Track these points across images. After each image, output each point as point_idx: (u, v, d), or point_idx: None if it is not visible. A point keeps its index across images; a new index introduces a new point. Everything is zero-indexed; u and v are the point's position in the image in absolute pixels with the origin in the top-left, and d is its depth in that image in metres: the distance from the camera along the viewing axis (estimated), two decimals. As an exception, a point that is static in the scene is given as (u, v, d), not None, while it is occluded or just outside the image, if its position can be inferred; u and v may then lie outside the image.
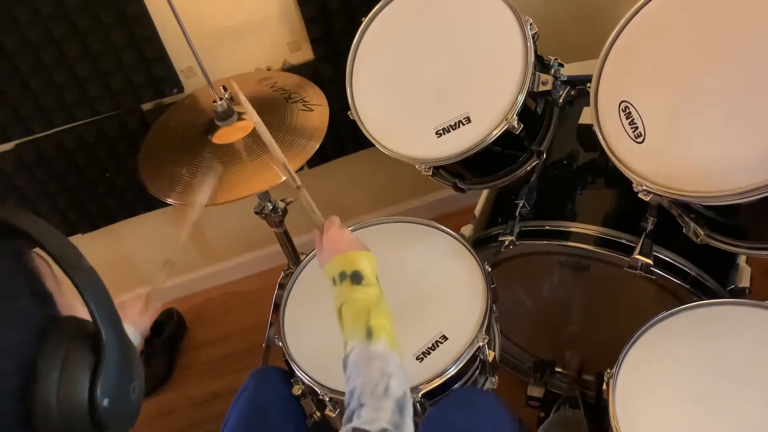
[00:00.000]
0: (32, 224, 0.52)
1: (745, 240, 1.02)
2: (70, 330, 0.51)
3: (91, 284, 0.51)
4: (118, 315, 0.53)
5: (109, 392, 0.50)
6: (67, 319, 0.52)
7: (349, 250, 0.91)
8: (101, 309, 0.51)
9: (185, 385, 1.94)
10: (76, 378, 0.49)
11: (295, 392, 1.15)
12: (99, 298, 0.51)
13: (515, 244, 1.24)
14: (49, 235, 0.52)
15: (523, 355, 1.59)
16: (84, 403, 0.49)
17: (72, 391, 0.48)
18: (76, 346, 0.50)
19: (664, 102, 0.97)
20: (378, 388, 0.77)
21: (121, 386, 0.52)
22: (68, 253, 0.52)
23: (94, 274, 0.52)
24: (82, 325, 0.52)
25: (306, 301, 1.24)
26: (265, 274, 2.13)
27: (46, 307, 0.52)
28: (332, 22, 1.55)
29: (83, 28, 1.44)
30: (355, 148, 1.83)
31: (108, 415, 0.50)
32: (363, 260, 0.90)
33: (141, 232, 1.93)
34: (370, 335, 0.82)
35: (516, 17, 1.13)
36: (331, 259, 0.91)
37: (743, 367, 0.95)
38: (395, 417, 0.76)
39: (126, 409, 0.53)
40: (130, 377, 0.53)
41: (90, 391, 0.49)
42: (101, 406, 0.49)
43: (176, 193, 1.22)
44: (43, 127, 1.58)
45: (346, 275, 0.88)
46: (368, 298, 0.86)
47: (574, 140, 1.38)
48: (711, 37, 0.94)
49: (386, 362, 0.80)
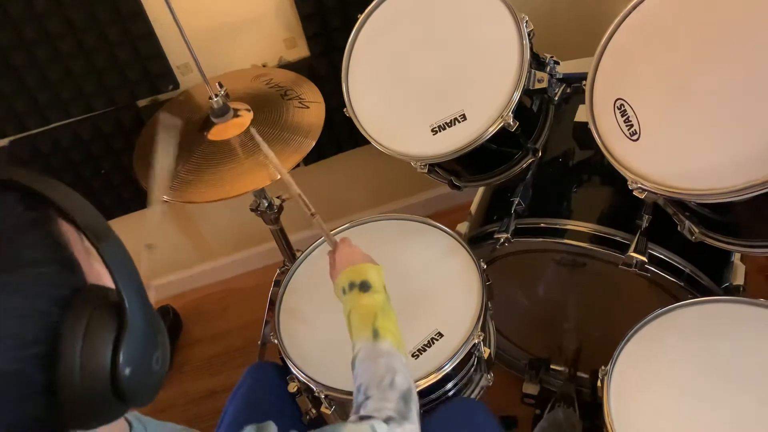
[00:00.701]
0: (60, 193, 0.52)
1: (739, 238, 1.02)
2: (94, 298, 0.51)
3: (115, 254, 0.51)
4: (142, 285, 0.53)
5: (132, 361, 0.50)
6: (92, 288, 0.52)
7: (358, 263, 0.94)
8: (125, 278, 0.51)
9: (181, 382, 1.94)
10: (98, 346, 0.49)
11: (290, 389, 1.15)
12: (123, 268, 0.51)
13: (511, 241, 1.24)
14: (76, 204, 0.52)
15: (519, 352, 1.59)
16: (106, 371, 0.49)
17: (94, 359, 0.48)
18: (99, 314, 0.50)
19: (659, 100, 0.97)
20: (383, 382, 0.80)
21: (143, 356, 0.52)
22: (94, 223, 0.52)
23: (120, 244, 0.52)
24: (108, 294, 0.52)
25: (302, 298, 1.24)
26: (261, 271, 2.13)
27: (72, 276, 0.52)
28: (328, 19, 1.55)
29: (78, 25, 1.43)
30: (351, 145, 1.83)
31: (130, 384, 0.50)
32: (371, 271, 0.93)
33: (136, 228, 1.92)
34: (377, 335, 0.85)
35: (512, 15, 1.13)
36: (342, 272, 0.94)
37: (737, 364, 0.96)
38: (400, 406, 0.78)
39: (148, 380, 0.53)
40: (153, 347, 0.53)
41: (112, 360, 0.49)
42: (123, 374, 0.49)
43: (171, 190, 1.22)
44: (38, 124, 1.57)
45: (355, 285, 0.91)
46: (375, 304, 0.89)
47: (570, 138, 1.39)
48: (706, 35, 0.95)
49: (392, 359, 0.83)
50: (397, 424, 0.75)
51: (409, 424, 0.77)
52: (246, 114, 1.32)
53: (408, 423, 0.77)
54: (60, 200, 0.52)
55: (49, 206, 0.52)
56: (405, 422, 0.77)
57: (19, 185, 0.52)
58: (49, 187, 0.52)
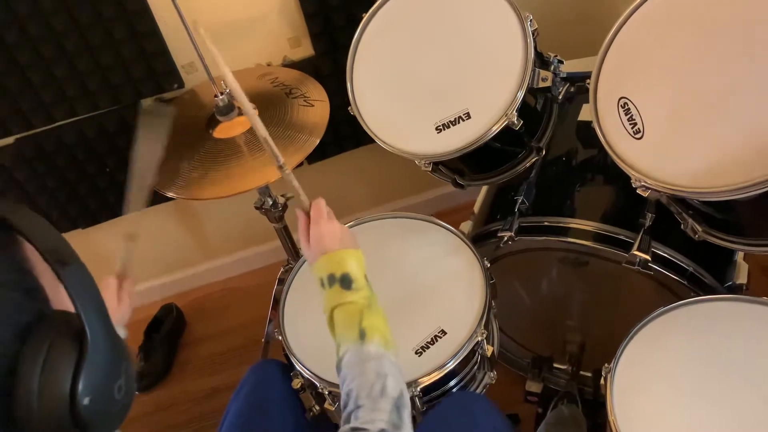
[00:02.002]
0: (21, 219, 0.51)
1: (742, 236, 1.03)
2: (56, 325, 0.50)
3: (77, 280, 0.50)
4: (106, 312, 0.52)
5: (91, 390, 0.49)
6: (56, 314, 0.52)
7: (337, 248, 0.89)
8: (87, 305, 0.50)
9: (184, 380, 1.95)
10: (57, 374, 0.48)
11: (294, 386, 1.15)
12: (85, 294, 0.50)
13: (514, 239, 1.25)
14: (38, 229, 0.51)
15: (522, 351, 1.59)
16: (65, 401, 0.48)
17: (52, 388, 0.48)
18: (60, 342, 0.49)
19: (663, 98, 0.98)
20: (374, 389, 0.77)
21: (104, 385, 0.51)
22: (57, 248, 0.51)
23: (83, 270, 0.52)
24: (71, 320, 0.51)
25: (305, 295, 1.24)
26: (264, 270, 2.14)
27: (34, 303, 0.51)
28: (333, 17, 1.55)
29: (84, 23, 1.44)
30: (354, 144, 1.83)
31: (89, 413, 0.49)
32: (351, 261, 0.88)
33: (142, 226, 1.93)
34: (363, 336, 0.82)
35: (516, 14, 1.13)
36: (319, 258, 0.89)
37: (740, 363, 0.96)
38: (393, 417, 0.76)
39: (110, 409, 0.52)
40: (115, 376, 0.52)
41: (71, 389, 0.48)
42: (81, 404, 0.48)
43: (177, 187, 1.23)
44: (43, 122, 1.58)
45: (335, 279, 0.86)
46: (359, 302, 0.85)
47: (574, 137, 1.39)
48: (709, 34, 0.95)
49: (381, 363, 0.80)
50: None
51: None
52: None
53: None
54: (22, 224, 0.51)
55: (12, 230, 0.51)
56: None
57: None
58: (11, 211, 0.51)
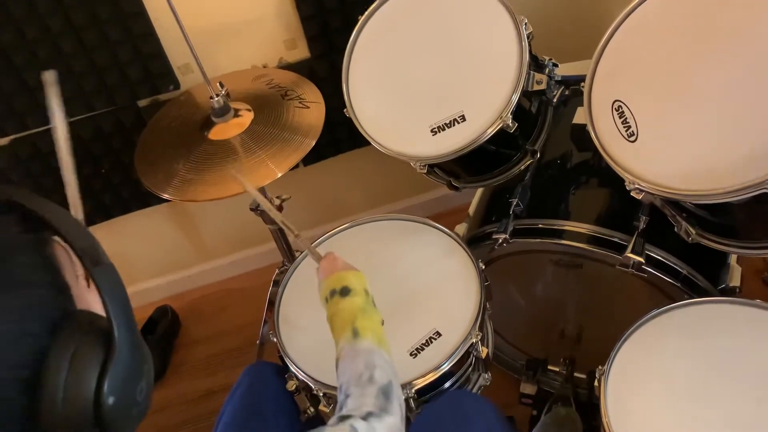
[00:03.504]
0: (58, 216, 0.52)
1: (736, 239, 1.03)
2: (83, 324, 0.50)
3: (109, 281, 0.51)
4: (132, 314, 0.52)
5: (116, 391, 0.49)
6: (81, 313, 0.52)
7: (337, 270, 0.95)
8: (116, 306, 0.50)
9: (179, 382, 1.94)
10: (83, 373, 0.48)
11: (289, 388, 1.15)
12: (115, 295, 0.51)
13: (509, 242, 1.25)
14: (73, 228, 0.52)
15: (516, 353, 1.60)
16: (89, 400, 0.48)
17: (78, 387, 0.48)
18: (87, 341, 0.49)
19: (657, 101, 0.98)
20: (362, 378, 0.80)
21: (128, 386, 0.51)
22: (90, 247, 0.51)
23: (113, 270, 0.52)
24: (96, 320, 0.51)
25: (301, 297, 1.24)
26: (259, 272, 2.13)
27: (62, 300, 0.51)
28: (329, 20, 1.56)
29: (79, 24, 1.44)
30: (350, 146, 1.83)
31: (112, 413, 0.49)
32: (351, 277, 0.93)
33: (137, 228, 1.93)
34: (356, 334, 0.85)
35: (511, 17, 1.14)
36: (323, 282, 0.95)
37: (734, 365, 0.96)
38: (380, 401, 0.77)
39: (131, 410, 0.52)
40: (138, 378, 0.52)
41: (96, 388, 0.48)
42: (106, 404, 0.49)
43: (172, 188, 1.23)
44: (39, 123, 1.58)
45: (336, 291, 0.91)
46: (354, 306, 0.89)
47: (568, 140, 1.39)
48: (703, 37, 0.95)
49: (371, 356, 0.83)
50: (377, 418, 0.75)
51: (390, 417, 0.76)
52: (246, 114, 1.32)
53: (388, 416, 0.76)
54: (58, 223, 0.51)
55: (45, 228, 0.52)
56: (385, 415, 0.76)
57: (17, 205, 0.51)
58: (47, 209, 0.52)
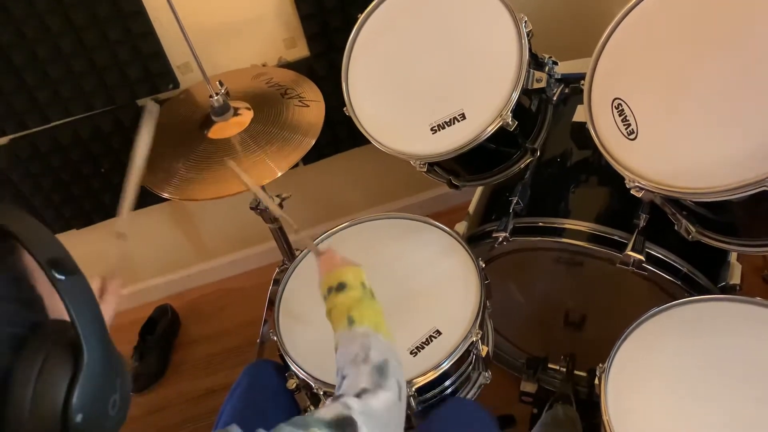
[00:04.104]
0: (19, 225, 0.50)
1: (736, 237, 1.03)
2: (53, 337, 0.49)
3: (75, 292, 0.49)
4: (104, 324, 0.51)
5: (85, 406, 0.48)
6: (53, 324, 0.51)
7: (337, 268, 0.95)
8: (84, 316, 0.49)
9: (179, 381, 1.94)
10: (50, 388, 0.47)
11: (289, 386, 1.15)
12: (81, 306, 0.49)
13: (509, 240, 1.25)
14: (36, 237, 0.50)
15: (517, 351, 1.60)
16: (56, 416, 0.47)
17: (45, 402, 0.46)
18: (56, 354, 0.48)
19: (656, 99, 0.98)
20: (357, 358, 0.80)
21: (99, 400, 0.50)
22: (56, 258, 0.49)
23: (80, 280, 0.50)
24: (68, 331, 0.49)
25: (301, 296, 1.24)
26: (258, 272, 2.14)
27: (31, 313, 0.50)
28: (328, 18, 1.55)
29: (79, 23, 1.44)
30: (349, 145, 1.83)
31: (81, 430, 0.48)
32: (348, 273, 0.93)
33: (136, 227, 1.92)
34: (352, 322, 0.86)
35: (511, 15, 1.14)
36: (322, 279, 0.95)
37: (733, 363, 0.96)
38: (374, 377, 0.77)
39: (102, 425, 0.50)
40: (110, 391, 0.51)
41: (64, 404, 0.47)
42: (74, 421, 0.47)
43: (172, 187, 1.23)
44: (38, 122, 1.58)
45: (333, 288, 0.91)
46: (350, 299, 0.89)
47: (568, 138, 1.39)
48: (703, 35, 0.96)
49: (367, 339, 0.83)
50: (372, 394, 0.75)
51: (384, 392, 0.76)
52: (246, 112, 1.32)
53: (384, 391, 0.76)
54: (19, 232, 0.49)
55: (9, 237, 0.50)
56: (380, 391, 0.76)
57: None
58: (10, 219, 0.50)
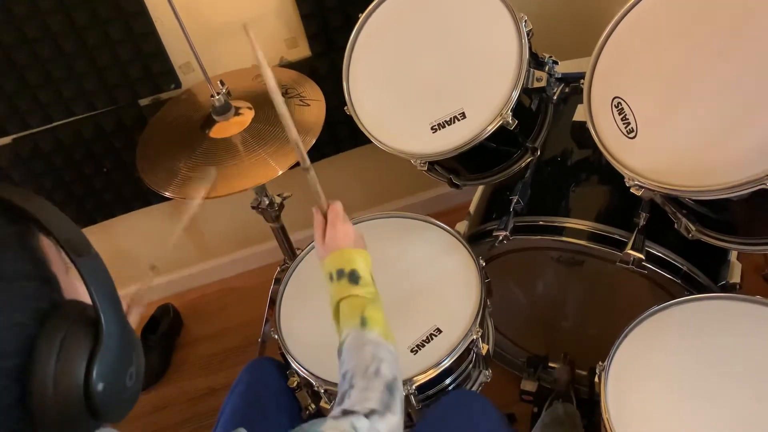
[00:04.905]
0: (39, 208, 0.52)
1: (735, 236, 1.03)
2: (71, 314, 0.51)
3: (93, 270, 0.52)
4: (119, 301, 0.54)
5: (105, 377, 0.51)
6: (69, 303, 0.53)
7: (347, 247, 0.93)
8: (102, 295, 0.52)
9: (181, 380, 1.95)
10: (72, 361, 0.49)
11: (290, 384, 1.16)
12: (100, 284, 0.52)
13: (509, 239, 1.25)
14: (56, 219, 0.53)
15: (517, 350, 1.60)
16: (79, 387, 0.49)
17: (68, 374, 0.49)
18: (75, 330, 0.50)
19: (656, 98, 0.98)
20: (369, 370, 0.80)
21: (117, 372, 0.53)
22: (73, 238, 0.52)
23: (98, 260, 0.53)
24: (84, 309, 0.52)
25: (302, 295, 1.25)
26: (260, 271, 2.14)
27: (49, 291, 0.52)
28: (329, 18, 1.56)
29: (81, 23, 1.44)
30: (350, 145, 1.84)
31: (102, 399, 0.51)
32: (359, 260, 0.92)
33: (138, 227, 1.93)
34: (365, 323, 0.85)
35: (511, 14, 1.14)
36: (329, 254, 0.94)
37: (734, 361, 0.97)
38: (384, 396, 0.78)
39: (122, 395, 0.53)
40: (127, 363, 0.54)
41: (86, 375, 0.50)
42: (96, 390, 0.50)
43: (173, 186, 1.23)
44: (40, 122, 1.58)
45: (344, 274, 0.90)
46: (365, 296, 0.89)
47: (568, 137, 1.39)
48: (702, 34, 0.96)
49: (378, 348, 0.83)
50: (380, 416, 0.75)
51: (392, 416, 0.77)
52: (247, 112, 1.33)
53: (391, 414, 0.77)
54: (40, 215, 0.52)
55: (29, 221, 0.53)
56: (388, 413, 0.76)
57: (1, 200, 0.52)
58: (30, 202, 0.53)
